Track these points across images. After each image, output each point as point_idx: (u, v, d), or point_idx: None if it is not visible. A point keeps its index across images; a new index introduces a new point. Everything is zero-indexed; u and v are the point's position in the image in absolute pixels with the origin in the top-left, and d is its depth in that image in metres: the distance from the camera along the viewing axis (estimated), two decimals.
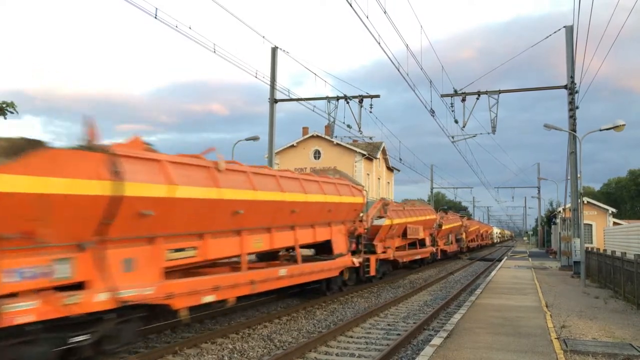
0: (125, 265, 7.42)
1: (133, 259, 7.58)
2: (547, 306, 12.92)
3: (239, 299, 10.48)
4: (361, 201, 15.77)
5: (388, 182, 55.08)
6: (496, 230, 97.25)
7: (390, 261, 21.41)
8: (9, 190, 5.75)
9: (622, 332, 9.89)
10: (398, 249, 22.51)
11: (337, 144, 45.00)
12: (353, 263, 15.57)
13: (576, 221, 23.35)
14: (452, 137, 27.29)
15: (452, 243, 37.17)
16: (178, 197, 8.14)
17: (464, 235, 43.42)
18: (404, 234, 22.76)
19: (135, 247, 7.68)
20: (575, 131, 22.90)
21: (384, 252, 20.11)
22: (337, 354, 9.03)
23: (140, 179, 7.43)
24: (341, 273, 15.45)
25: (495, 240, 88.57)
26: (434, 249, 29.63)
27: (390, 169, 55.58)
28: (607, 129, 19.86)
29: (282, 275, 11.57)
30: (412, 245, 25.70)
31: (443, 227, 32.40)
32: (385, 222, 19.85)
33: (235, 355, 8.67)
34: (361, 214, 16.55)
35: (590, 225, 39.67)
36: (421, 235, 25.27)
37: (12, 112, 13.07)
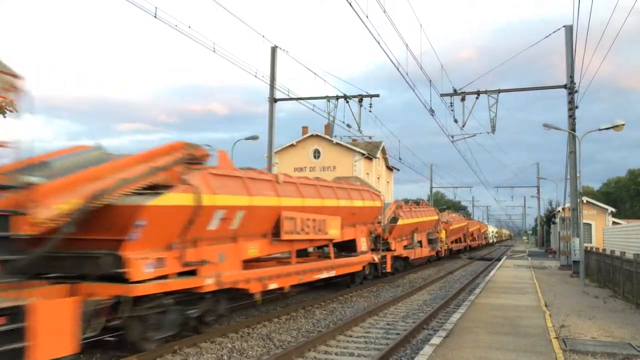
0: None
1: None
2: (546, 305, 12.93)
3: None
4: None
5: (388, 182, 55.09)
6: (492, 229, 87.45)
7: (215, 294, 9.56)
8: None
9: (621, 332, 9.90)
10: (250, 263, 11.31)
11: (337, 144, 44.99)
12: None
13: (575, 221, 23.37)
14: (452, 137, 27.32)
15: (421, 246, 25.89)
16: None
17: (443, 235, 32.90)
18: (276, 232, 11.41)
19: None
20: (574, 131, 22.91)
21: (160, 279, 8.14)
22: (336, 354, 9.03)
23: None
24: None
25: (490, 241, 78.71)
26: (376, 257, 18.00)
27: (389, 168, 55.59)
28: (606, 129, 19.90)
29: None
30: (326, 252, 15.47)
31: (399, 223, 21.68)
32: (167, 199, 8.08)
33: (235, 354, 8.67)
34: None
35: (590, 224, 39.72)
36: (335, 233, 14.15)
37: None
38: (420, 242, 25.82)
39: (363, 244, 16.85)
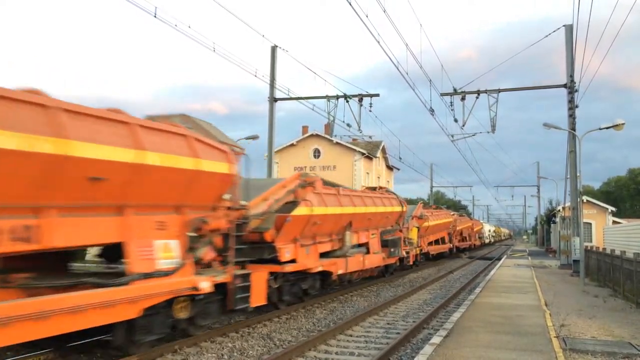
0: None
1: None
2: (546, 305, 12.94)
3: None
4: None
5: (388, 181, 55.09)
6: (488, 228, 79.71)
7: None
8: None
9: (621, 331, 9.91)
10: None
11: (337, 143, 45.04)
12: None
13: (576, 220, 23.38)
14: (452, 136, 27.36)
15: (367, 251, 16.83)
16: None
17: (413, 235, 24.23)
18: None
19: None
20: (574, 130, 22.91)
21: None
22: (336, 353, 9.05)
23: None
24: None
25: (487, 241, 71.36)
26: (208, 282, 8.56)
27: (389, 167, 55.61)
28: (606, 128, 19.93)
29: None
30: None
31: (300, 213, 12.26)
32: None
33: (235, 354, 8.68)
34: None
35: (590, 224, 39.74)
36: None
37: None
38: (364, 245, 16.81)
39: (156, 254, 7.78)
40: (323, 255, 14.01)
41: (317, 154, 45.82)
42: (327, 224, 13.87)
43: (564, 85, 23.53)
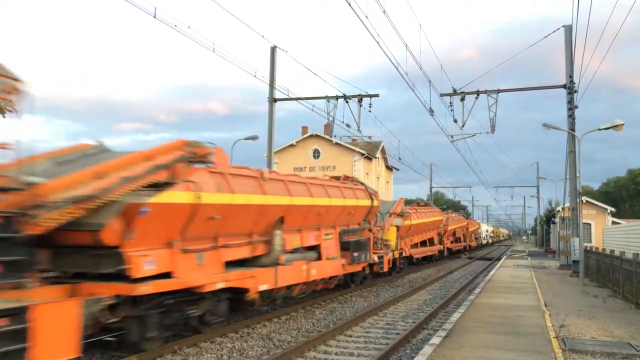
0: None
1: None
2: (546, 305, 12.94)
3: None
4: None
5: (387, 182, 55.10)
6: (486, 228, 76.52)
7: None
8: None
9: (620, 331, 9.92)
10: None
11: (337, 144, 45.02)
12: None
13: (575, 220, 23.38)
14: (451, 137, 27.31)
15: (318, 257, 13.25)
16: None
17: (391, 236, 20.21)
18: None
19: None
20: (574, 130, 22.91)
21: None
22: (336, 353, 9.05)
23: None
24: None
25: (484, 242, 68.86)
26: None
27: (389, 168, 55.59)
28: (606, 129, 19.93)
29: None
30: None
31: (165, 202, 7.78)
32: None
33: (235, 354, 8.68)
34: None
35: (589, 224, 39.80)
36: None
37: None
38: (315, 248, 13.27)
39: None
40: (239, 264, 10.24)
41: (316, 154, 45.83)
42: (238, 220, 9.79)
43: (564, 86, 23.51)
